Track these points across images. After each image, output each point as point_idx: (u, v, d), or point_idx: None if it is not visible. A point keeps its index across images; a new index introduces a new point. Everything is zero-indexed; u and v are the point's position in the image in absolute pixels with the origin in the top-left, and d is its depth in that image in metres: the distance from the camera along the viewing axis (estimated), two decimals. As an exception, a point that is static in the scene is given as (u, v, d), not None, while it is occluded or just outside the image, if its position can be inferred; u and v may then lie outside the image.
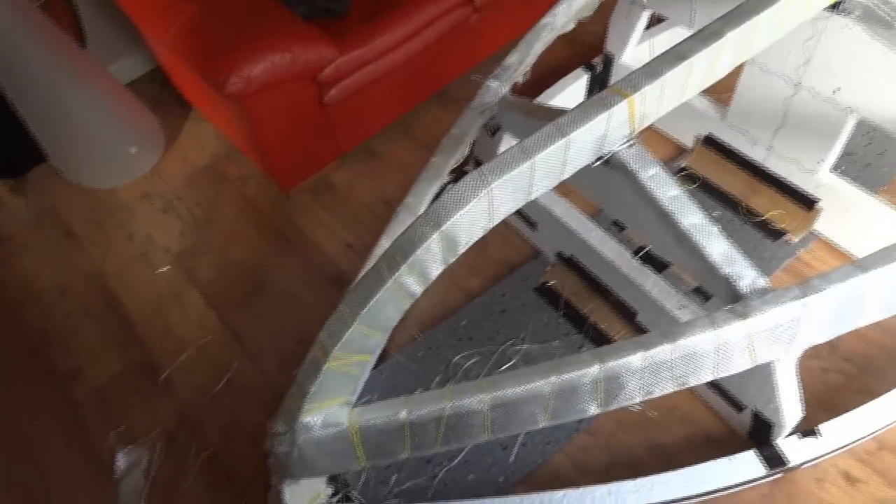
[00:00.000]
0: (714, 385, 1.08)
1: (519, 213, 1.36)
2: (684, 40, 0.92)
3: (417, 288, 0.84)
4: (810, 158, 1.25)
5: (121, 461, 1.20)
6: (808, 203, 1.29)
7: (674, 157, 1.50)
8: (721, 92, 1.43)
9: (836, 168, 1.38)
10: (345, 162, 1.66)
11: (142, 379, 1.33)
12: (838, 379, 1.15)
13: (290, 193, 1.59)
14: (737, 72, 1.28)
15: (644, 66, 0.89)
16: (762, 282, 0.86)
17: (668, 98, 0.91)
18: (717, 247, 0.87)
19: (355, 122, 1.57)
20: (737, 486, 1.01)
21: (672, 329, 0.83)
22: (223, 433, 1.23)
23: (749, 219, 1.35)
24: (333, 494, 1.05)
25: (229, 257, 1.51)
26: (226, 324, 1.38)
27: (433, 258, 0.82)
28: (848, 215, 1.24)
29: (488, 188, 0.80)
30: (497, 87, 1.14)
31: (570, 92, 1.59)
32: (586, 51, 1.80)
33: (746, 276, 0.86)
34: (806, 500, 1.03)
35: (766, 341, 0.82)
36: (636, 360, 0.82)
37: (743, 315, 0.81)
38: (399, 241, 0.82)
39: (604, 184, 0.98)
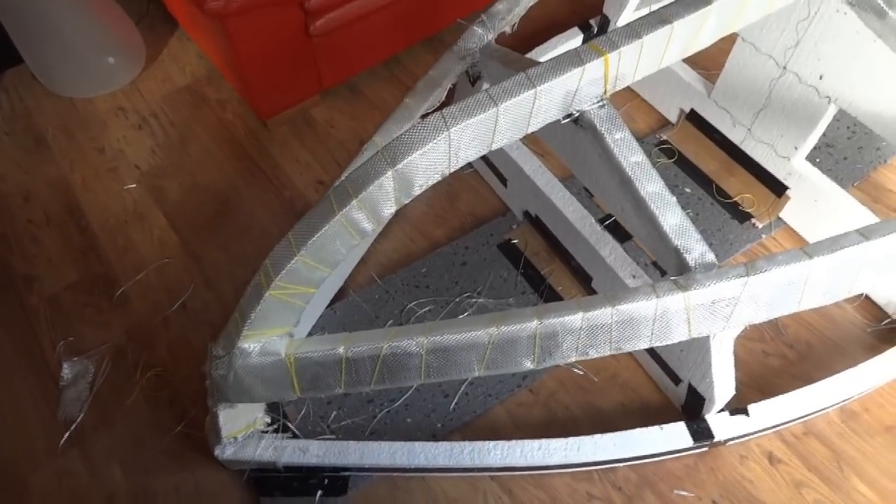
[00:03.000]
0: (655, 356, 1.09)
1: (491, 167, 1.35)
2: (670, 4, 0.90)
3: (368, 225, 0.83)
4: (787, 145, 1.24)
5: (67, 371, 1.21)
6: (778, 189, 1.29)
7: (656, 129, 1.49)
8: (710, 68, 1.41)
9: (814, 158, 1.37)
10: (327, 98, 1.63)
11: (97, 293, 1.32)
12: (778, 363, 1.17)
13: (267, 123, 1.57)
14: (727, 48, 1.26)
15: (625, 26, 0.87)
16: (710, 257, 0.86)
17: (646, 62, 0.89)
18: (672, 218, 0.87)
19: (341, 57, 1.54)
20: (663, 454, 1.04)
21: (615, 294, 0.83)
22: (172, 353, 1.23)
23: (720, 199, 1.35)
24: (270, 423, 1.07)
25: (198, 181, 1.49)
26: (187, 247, 1.37)
27: (386, 196, 0.81)
28: (815, 206, 1.24)
29: (448, 131, 0.79)
30: (481, 34, 1.11)
31: (562, 51, 1.55)
32: (586, 10, 1.76)
33: (695, 249, 0.86)
34: (727, 475, 1.06)
35: (704, 316, 0.83)
36: (575, 319, 0.82)
37: (684, 287, 0.82)
38: (352, 176, 0.81)
39: (572, 143, 0.97)
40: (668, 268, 0.90)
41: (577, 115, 0.90)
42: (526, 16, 1.71)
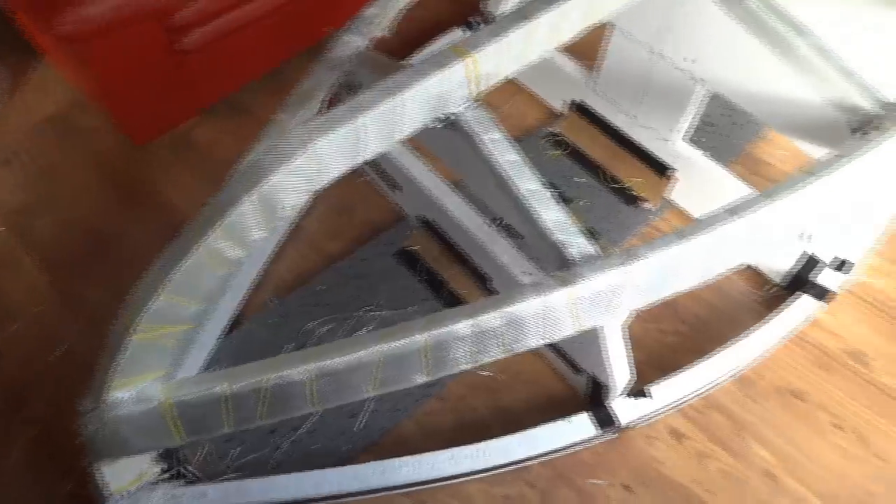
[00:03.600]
0: (556, 349, 1.10)
1: (382, 174, 1.32)
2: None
3: (237, 253, 0.79)
4: (667, 128, 1.27)
5: (-67, 440, 1.10)
6: (663, 171, 1.32)
7: (545, 122, 1.50)
8: (593, 58, 1.43)
9: (699, 138, 1.42)
10: (208, 117, 1.55)
11: (-35, 348, 1.21)
12: (675, 340, 1.20)
13: (146, 148, 1.48)
14: (606, 38, 1.28)
15: (490, 25, 0.86)
16: (590, 249, 0.86)
17: (513, 59, 0.89)
18: (550, 213, 0.87)
19: (219, 73, 1.47)
20: (572, 446, 1.04)
21: (500, 297, 0.82)
22: (55, 407, 1.14)
23: (612, 185, 1.37)
24: (165, 471, 1.00)
25: (72, 216, 1.39)
26: (64, 289, 1.28)
27: (252, 222, 0.77)
28: (699, 185, 1.28)
29: (313, 146, 0.76)
30: (352, 41, 1.08)
31: (445, 51, 1.54)
32: (467, 9, 1.76)
33: (575, 243, 0.86)
34: (636, 457, 1.07)
35: (589, 308, 0.83)
36: (463, 328, 0.80)
37: (566, 282, 0.81)
38: (212, 204, 0.76)
39: (451, 146, 0.96)
40: (551, 263, 0.90)
41: (449, 118, 0.88)
42: (409, 17, 1.71)
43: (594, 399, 1.08)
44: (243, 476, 1.03)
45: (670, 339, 1.21)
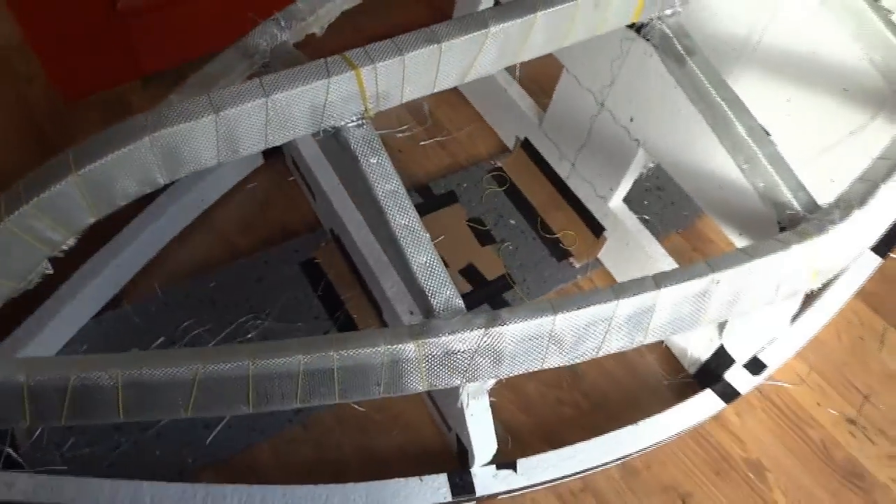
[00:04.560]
0: (432, 399, 1.02)
1: (302, 177, 1.25)
2: (449, 22, 0.82)
3: (57, 236, 0.71)
4: (604, 185, 1.20)
5: None
6: (596, 229, 1.25)
7: (494, 155, 1.42)
8: (545, 96, 1.36)
9: (642, 200, 1.35)
10: (151, 83, 1.48)
11: None
12: (571, 413, 1.12)
13: (77, 105, 1.41)
14: (557, 76, 1.21)
15: (388, 40, 0.79)
16: (457, 302, 0.78)
17: (415, 82, 0.82)
18: (422, 256, 0.79)
19: (166, 40, 1.40)
20: (424, 507, 0.96)
21: (344, 336, 0.75)
22: None
23: (543, 234, 1.30)
24: (-18, 449, 0.93)
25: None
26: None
27: (74, 204, 0.69)
28: (627, 250, 1.20)
29: (150, 136, 0.69)
30: (275, 33, 1.01)
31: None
32: (444, 16, 1.69)
33: (442, 293, 0.78)
34: (492, 533, 0.99)
35: (440, 367, 0.75)
36: (294, 363, 0.73)
37: (419, 335, 0.74)
38: (31, 177, 0.69)
39: (339, 161, 0.89)
40: (417, 309, 0.82)
41: (332, 130, 0.81)
42: (388, 22, 1.65)
43: (461, 460, 1.00)
44: (70, 472, 0.96)
45: (567, 410, 1.13)
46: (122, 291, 1.16)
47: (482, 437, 0.90)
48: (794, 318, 1.14)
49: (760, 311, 0.95)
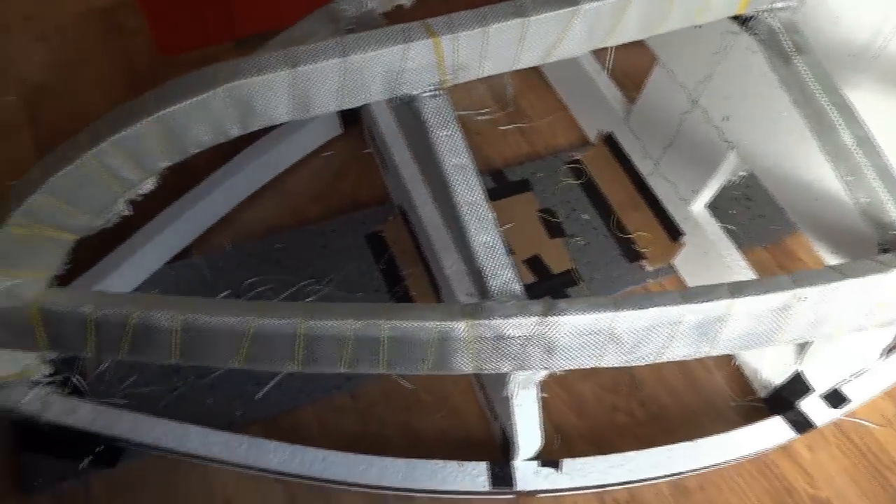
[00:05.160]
0: (481, 385, 0.99)
1: (376, 146, 1.25)
2: (538, -2, 0.79)
3: (131, 176, 0.74)
4: (688, 187, 1.13)
5: None
6: (674, 234, 1.18)
7: (573, 147, 1.38)
8: (634, 91, 1.30)
9: (728, 209, 1.27)
10: (242, 47, 1.52)
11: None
12: (625, 420, 1.07)
13: (173, 62, 1.46)
14: (648, 71, 1.16)
15: (478, 9, 0.77)
16: (515, 287, 0.75)
17: (494, 56, 0.79)
18: (484, 235, 0.77)
19: (260, 4, 1.43)
20: (459, 493, 0.94)
21: (398, 307, 0.73)
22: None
23: (616, 233, 1.24)
24: (53, 374, 0.98)
25: (83, 111, 1.39)
26: (46, 173, 1.28)
27: (148, 147, 0.71)
28: (705, 259, 1.13)
29: (225, 86, 0.69)
30: (361, 0, 1.00)
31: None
32: None
33: (500, 275, 0.76)
34: (527, 531, 0.96)
35: (490, 351, 0.72)
36: (345, 327, 0.72)
37: (471, 315, 0.71)
38: (114, 114, 0.71)
39: (411, 132, 0.87)
40: (475, 290, 0.80)
41: (407, 99, 0.79)
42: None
43: (504, 452, 0.97)
44: (128, 406, 0.99)
45: (621, 417, 1.08)
46: (194, 243, 1.20)
47: (527, 430, 0.87)
48: (888, 351, 1.05)
49: (848, 338, 0.87)
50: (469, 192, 0.78)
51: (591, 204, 1.28)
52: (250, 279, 1.15)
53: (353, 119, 1.34)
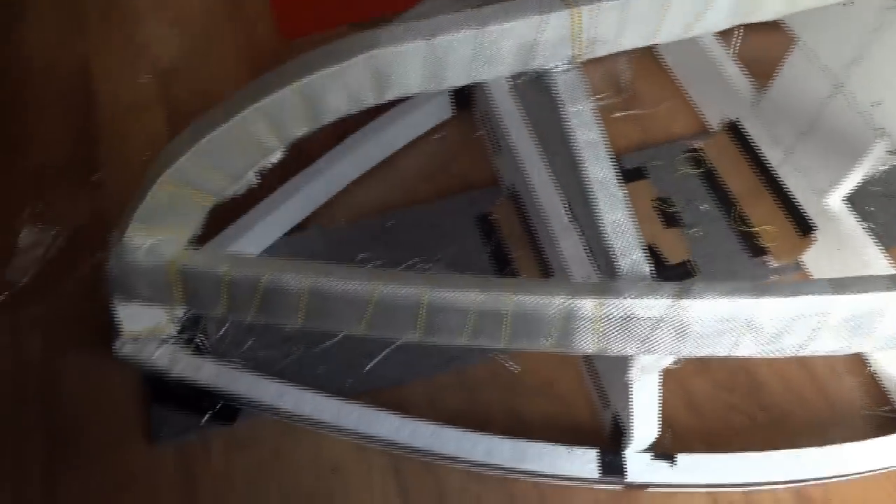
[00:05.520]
0: (592, 371, 0.97)
1: (489, 128, 1.24)
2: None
3: (272, 141, 0.76)
4: (824, 178, 1.05)
5: (25, 236, 1.23)
6: (804, 228, 1.10)
7: (691, 135, 1.32)
8: (765, 76, 1.22)
9: (865, 205, 1.17)
10: (359, 30, 1.55)
11: (78, 172, 1.33)
12: (742, 422, 1.01)
13: (292, 45, 1.52)
14: (785, 52, 1.09)
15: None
16: (644, 268, 0.73)
17: (633, 30, 0.76)
18: (614, 213, 0.74)
19: (380, -10, 1.46)
20: (566, 478, 0.92)
21: (522, 281, 0.73)
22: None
23: (738, 226, 1.18)
24: (180, 333, 1.04)
25: (210, 90, 1.47)
26: (176, 147, 1.36)
27: (288, 114, 0.73)
28: (839, 256, 1.05)
29: (364, 55, 0.70)
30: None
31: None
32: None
33: (630, 255, 0.73)
34: (635, 525, 0.93)
35: (617, 332, 0.70)
36: (469, 299, 0.72)
37: (601, 293, 0.69)
38: (256, 83, 0.74)
39: (535, 104, 0.86)
40: (601, 270, 0.77)
41: (537, 73, 0.78)
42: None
43: (613, 442, 0.94)
44: (247, 366, 1.04)
45: (738, 418, 1.02)
46: (310, 218, 1.24)
47: (644, 419, 0.84)
48: None
49: None
50: (599, 169, 0.75)
51: (710, 194, 1.22)
52: (362, 254, 1.17)
53: (464, 102, 1.34)
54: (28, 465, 1.00)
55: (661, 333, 0.69)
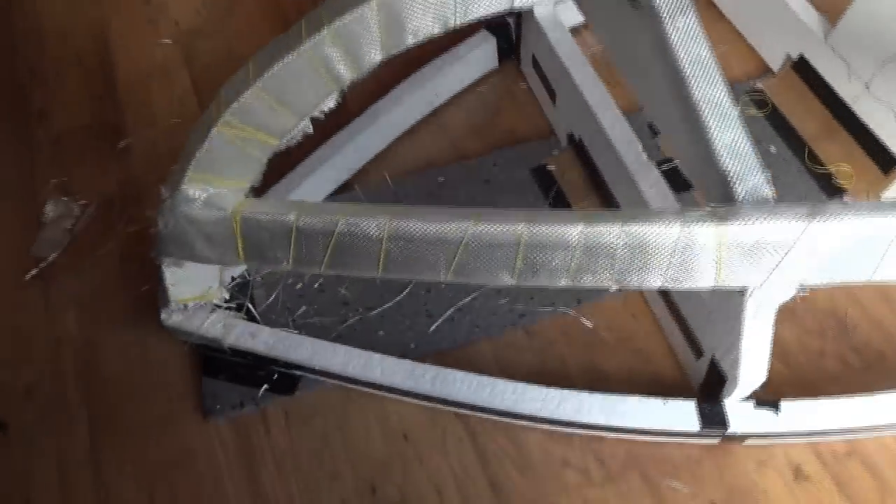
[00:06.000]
0: (678, 318, 0.90)
1: (541, 77, 1.17)
2: None
3: (344, 69, 0.69)
4: (911, 107, 0.99)
5: (50, 209, 1.15)
6: (887, 164, 1.04)
7: (752, 76, 1.25)
8: (837, 10, 1.15)
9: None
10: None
11: (103, 140, 1.25)
12: (835, 368, 0.95)
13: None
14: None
15: None
16: (765, 191, 0.66)
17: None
18: (728, 133, 0.68)
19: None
20: (661, 433, 0.85)
21: (630, 213, 0.66)
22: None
23: (811, 166, 1.11)
24: (229, 300, 0.97)
25: (234, 50, 1.39)
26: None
27: (367, 33, 0.66)
28: (929, 189, 0.99)
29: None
30: None
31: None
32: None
33: (749, 178, 0.67)
34: (736, 479, 0.86)
35: (740, 260, 0.64)
36: (572, 233, 0.65)
37: (722, 219, 0.63)
38: (330, 3, 0.66)
39: (623, 27, 0.78)
40: (712, 198, 0.71)
41: (634, -13, 0.71)
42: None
43: (708, 392, 0.87)
44: (303, 333, 0.97)
45: (831, 364, 0.96)
46: (355, 177, 1.16)
47: (754, 362, 0.77)
48: None
49: None
50: (709, 86, 0.68)
51: (778, 135, 1.15)
52: (413, 213, 1.11)
53: (508, 52, 1.27)
54: (74, 445, 0.93)
55: (792, 260, 0.63)
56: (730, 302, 0.73)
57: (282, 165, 1.06)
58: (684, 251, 0.63)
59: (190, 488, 0.89)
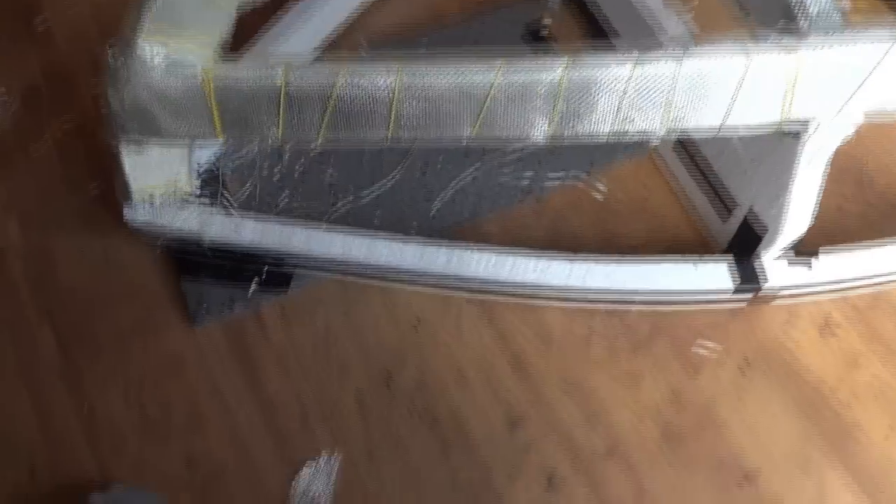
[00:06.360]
0: (705, 178, 0.84)
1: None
2: None
3: None
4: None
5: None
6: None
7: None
8: None
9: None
10: None
11: (16, 19, 1.05)
12: (856, 223, 0.91)
13: None
14: None
15: None
16: (835, 16, 0.58)
17: None
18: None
19: None
20: (692, 295, 0.81)
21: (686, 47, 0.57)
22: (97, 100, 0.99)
23: None
24: (201, 187, 0.85)
25: None
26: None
27: None
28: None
29: None
30: None
31: None
32: None
33: (816, 1, 0.58)
34: (764, 337, 0.83)
35: (814, 90, 0.56)
36: (623, 70, 0.56)
37: (793, 46, 0.54)
38: None
39: None
40: (769, 22, 0.62)
41: None
42: None
43: (739, 249, 0.82)
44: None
45: (849, 218, 0.92)
46: (330, 45, 1.02)
47: (800, 211, 0.72)
48: None
49: None
50: None
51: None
52: (397, 83, 0.98)
53: None
54: (43, 363, 0.82)
55: (873, 84, 0.56)
56: (778, 149, 0.66)
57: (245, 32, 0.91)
58: (752, 83, 0.55)
59: (185, 396, 0.80)
